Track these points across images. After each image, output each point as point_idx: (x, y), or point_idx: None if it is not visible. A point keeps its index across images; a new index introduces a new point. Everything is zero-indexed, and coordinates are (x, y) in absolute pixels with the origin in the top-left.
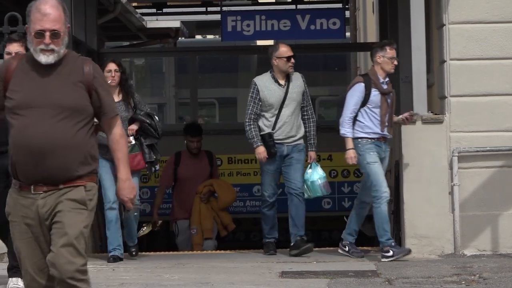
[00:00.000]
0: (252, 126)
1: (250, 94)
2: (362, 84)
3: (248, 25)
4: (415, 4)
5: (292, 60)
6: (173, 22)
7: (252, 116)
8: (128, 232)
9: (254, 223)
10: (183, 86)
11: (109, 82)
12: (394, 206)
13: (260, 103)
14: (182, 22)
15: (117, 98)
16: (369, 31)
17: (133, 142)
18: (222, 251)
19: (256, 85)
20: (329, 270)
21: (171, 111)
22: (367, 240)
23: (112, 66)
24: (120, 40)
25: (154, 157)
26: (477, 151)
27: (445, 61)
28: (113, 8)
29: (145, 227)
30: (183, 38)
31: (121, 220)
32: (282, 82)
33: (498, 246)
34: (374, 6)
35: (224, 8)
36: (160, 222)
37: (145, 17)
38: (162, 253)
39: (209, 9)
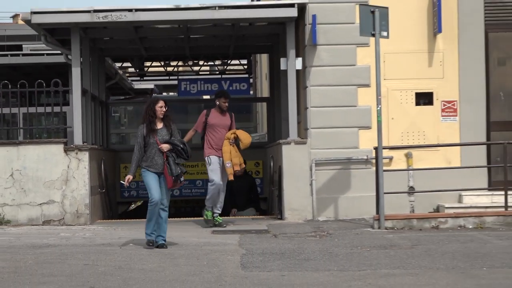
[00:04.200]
0: None
1: None
2: None
3: (193, 87)
4: (290, 75)
5: None
6: (149, 85)
7: None
8: (159, 227)
9: (197, 202)
10: None
11: (159, 113)
12: (278, 192)
13: None
14: (155, 85)
15: (160, 125)
16: (264, 90)
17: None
18: (177, 219)
19: None
20: (240, 229)
21: None
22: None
23: (162, 103)
24: (118, 95)
25: (179, 171)
26: (326, 160)
27: (307, 108)
28: (114, 76)
29: (133, 204)
30: (155, 94)
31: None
32: None
33: (338, 215)
34: (266, 76)
35: (180, 77)
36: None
37: (133, 82)
38: (144, 219)
39: (171, 77)
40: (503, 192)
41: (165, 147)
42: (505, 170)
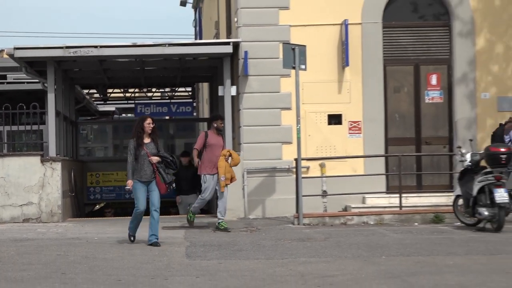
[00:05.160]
0: None
1: None
2: None
3: (147, 109)
4: (226, 100)
5: None
6: (111, 108)
7: None
8: (151, 227)
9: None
10: (117, 138)
11: (147, 129)
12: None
13: None
14: (116, 108)
15: (148, 140)
16: (205, 112)
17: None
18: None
19: None
20: (185, 225)
21: (110, 150)
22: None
23: (150, 120)
24: (86, 116)
25: (171, 178)
26: (255, 169)
27: (240, 127)
28: (82, 100)
29: (97, 205)
30: (116, 115)
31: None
32: None
33: (265, 214)
34: (207, 101)
35: (136, 101)
36: (104, 203)
37: (98, 105)
38: (109, 218)
39: (129, 101)
40: (398, 195)
41: (155, 159)
42: (400, 177)
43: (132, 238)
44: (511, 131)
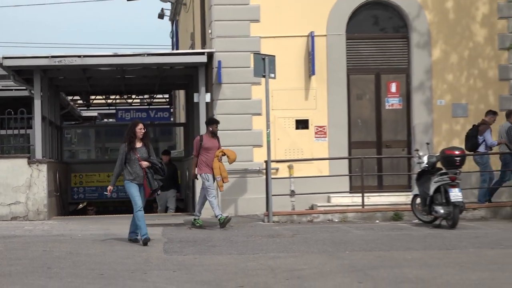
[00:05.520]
0: None
1: None
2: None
3: (128, 114)
4: (201, 106)
5: None
6: (94, 113)
7: None
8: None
9: (123, 202)
10: (99, 142)
11: (139, 134)
12: (192, 195)
13: None
14: (98, 113)
15: (140, 144)
16: (181, 118)
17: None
18: (112, 215)
19: None
20: (163, 223)
21: (92, 153)
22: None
23: (141, 125)
24: (70, 121)
25: (157, 185)
26: (228, 170)
27: None
28: (67, 106)
29: (81, 204)
30: (98, 120)
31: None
32: None
33: (237, 212)
34: (183, 107)
35: (117, 107)
36: (85, 204)
37: (81, 111)
38: (91, 216)
39: (110, 107)
40: (360, 194)
41: (145, 164)
42: (362, 178)
43: (147, 241)
44: (485, 132)
